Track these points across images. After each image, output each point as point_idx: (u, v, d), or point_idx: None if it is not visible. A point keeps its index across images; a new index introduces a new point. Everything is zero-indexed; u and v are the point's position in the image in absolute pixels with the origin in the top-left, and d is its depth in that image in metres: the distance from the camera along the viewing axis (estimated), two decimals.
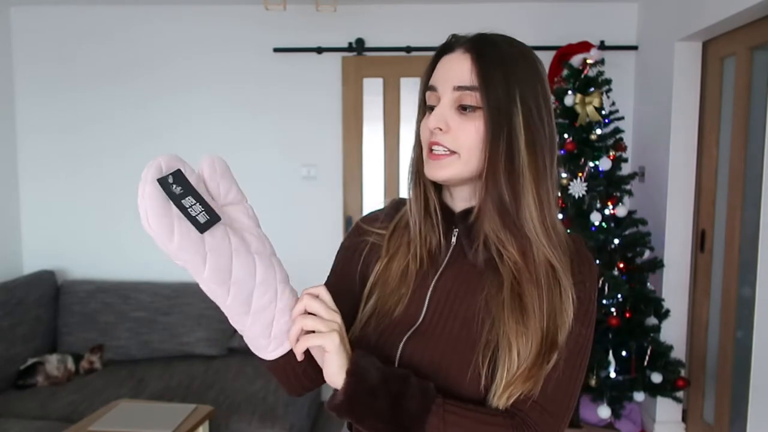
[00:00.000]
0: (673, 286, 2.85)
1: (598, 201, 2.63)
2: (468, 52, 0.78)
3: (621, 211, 2.62)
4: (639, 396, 2.58)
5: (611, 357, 2.57)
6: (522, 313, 0.75)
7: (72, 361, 2.83)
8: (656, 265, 2.70)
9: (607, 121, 2.69)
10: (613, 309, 2.57)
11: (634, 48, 3.15)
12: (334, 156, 3.29)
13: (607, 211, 2.62)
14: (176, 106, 3.26)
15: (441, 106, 0.79)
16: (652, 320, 2.64)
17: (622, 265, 2.60)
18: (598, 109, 2.63)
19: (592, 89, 2.66)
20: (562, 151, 2.66)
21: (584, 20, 3.15)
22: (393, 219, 0.92)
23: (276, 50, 3.18)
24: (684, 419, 2.94)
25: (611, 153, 2.64)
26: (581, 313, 0.78)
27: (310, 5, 3.02)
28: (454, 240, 0.86)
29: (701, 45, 2.75)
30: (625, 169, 2.93)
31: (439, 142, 0.79)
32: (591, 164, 2.63)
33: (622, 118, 2.78)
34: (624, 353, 2.61)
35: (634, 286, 2.62)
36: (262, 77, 3.24)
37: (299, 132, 3.27)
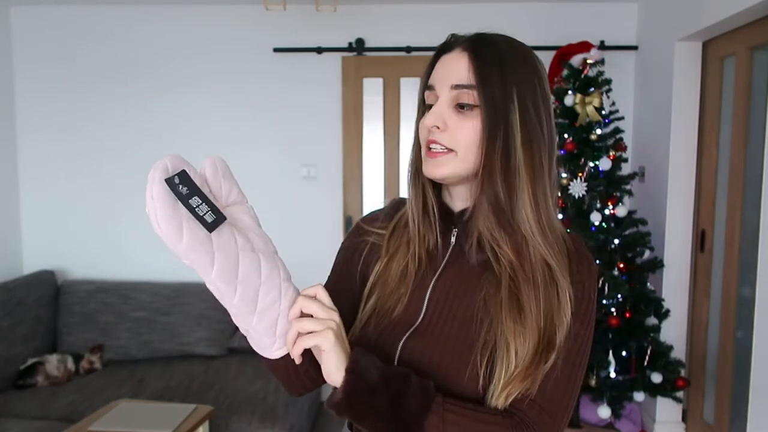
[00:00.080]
0: (673, 286, 2.85)
1: (598, 201, 2.63)
2: (466, 51, 0.79)
3: (621, 211, 2.62)
4: (639, 396, 2.58)
5: (611, 357, 2.58)
6: (519, 313, 0.75)
7: (72, 361, 2.83)
8: (656, 265, 2.70)
9: (607, 121, 2.69)
10: (613, 309, 2.57)
11: (634, 48, 3.15)
12: (334, 156, 3.29)
13: (607, 211, 2.62)
14: (176, 106, 3.26)
15: (439, 104, 0.80)
16: (652, 320, 2.64)
17: (622, 265, 2.60)
18: (598, 109, 2.63)
19: (592, 89, 2.66)
20: (562, 151, 2.66)
21: (584, 20, 3.15)
22: (393, 219, 0.92)
23: (276, 50, 3.18)
24: (684, 419, 2.94)
25: (611, 153, 2.64)
26: (580, 312, 0.78)
27: (310, 5, 3.02)
28: (453, 240, 0.86)
29: (701, 45, 2.75)
30: (625, 169, 2.93)
31: (437, 141, 0.79)
32: (591, 164, 2.63)
33: (622, 118, 2.78)
34: (624, 353, 2.61)
35: (634, 286, 2.63)
36: (262, 77, 3.24)
37: (299, 132, 3.27)
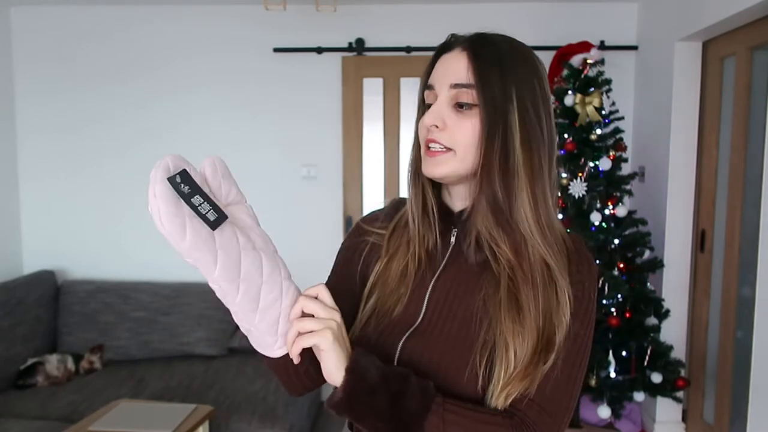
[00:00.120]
0: (673, 286, 2.85)
1: (598, 201, 2.63)
2: (465, 50, 0.78)
3: (621, 211, 2.62)
4: (639, 396, 2.58)
5: (611, 357, 2.57)
6: (518, 313, 0.75)
7: (72, 361, 2.83)
8: (656, 265, 2.70)
9: (607, 121, 2.69)
10: (613, 309, 2.57)
11: (634, 48, 3.15)
12: (334, 156, 3.29)
13: (607, 211, 2.62)
14: (176, 106, 3.26)
15: (438, 103, 0.80)
16: (652, 320, 2.64)
17: (622, 265, 2.60)
18: (598, 109, 2.63)
19: (592, 89, 2.66)
20: (562, 151, 2.66)
21: (584, 20, 3.15)
22: (393, 219, 0.92)
23: (276, 50, 3.18)
24: (684, 419, 2.94)
25: (611, 153, 2.64)
26: (580, 312, 0.78)
27: (310, 5, 3.02)
28: (453, 240, 0.86)
29: (701, 45, 2.75)
30: (625, 169, 2.93)
31: (436, 140, 0.79)
32: (591, 164, 2.63)
33: (622, 118, 2.78)
34: (624, 353, 2.61)
35: (634, 286, 2.63)
36: (262, 77, 3.24)
37: (299, 132, 3.27)
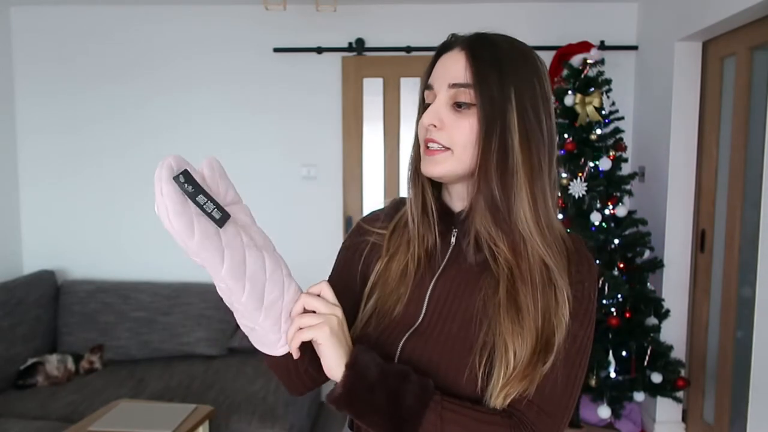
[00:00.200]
0: (673, 286, 2.85)
1: (598, 201, 2.63)
2: (464, 50, 0.79)
3: (621, 211, 2.62)
4: (639, 396, 2.58)
5: (611, 357, 2.57)
6: (517, 314, 0.75)
7: (72, 361, 2.83)
8: (656, 265, 2.70)
9: (607, 121, 2.69)
10: (613, 309, 2.57)
11: (634, 48, 3.15)
12: (334, 156, 3.29)
13: (607, 211, 2.62)
14: (176, 106, 3.26)
15: (436, 103, 0.80)
16: (652, 320, 2.64)
17: (622, 265, 2.60)
18: (598, 109, 2.63)
19: (592, 89, 2.66)
20: (562, 151, 2.66)
21: (584, 20, 3.15)
22: (393, 218, 0.92)
23: (276, 50, 3.18)
24: (684, 419, 2.94)
25: (611, 153, 2.64)
26: (579, 312, 0.78)
27: (310, 5, 3.02)
28: (453, 240, 0.86)
29: (701, 45, 2.75)
30: (625, 169, 2.93)
31: (434, 139, 0.80)
32: (591, 164, 2.63)
33: (622, 118, 2.78)
34: (624, 353, 2.61)
35: (634, 286, 2.63)
36: (262, 77, 3.24)
37: (299, 132, 3.27)
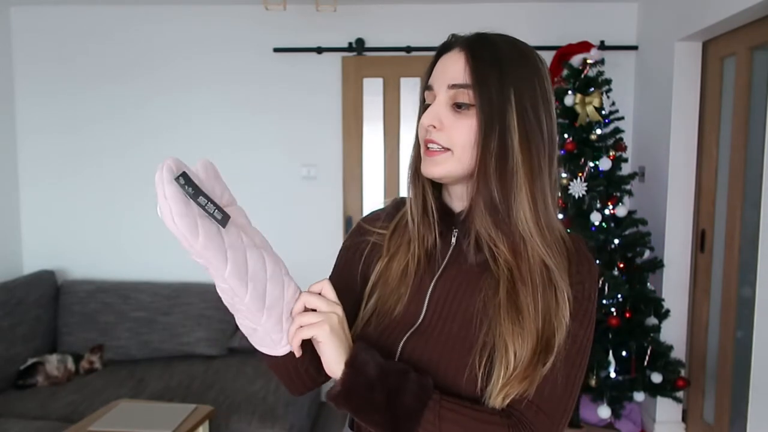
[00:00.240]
0: (673, 286, 2.85)
1: (598, 201, 2.63)
2: (464, 50, 0.78)
3: (621, 211, 2.62)
4: (639, 396, 2.58)
5: (611, 357, 2.58)
6: (517, 314, 0.75)
7: (72, 361, 2.83)
8: (656, 265, 2.70)
9: (607, 121, 2.69)
10: (613, 309, 2.57)
11: (634, 48, 3.15)
12: (334, 156, 3.29)
13: (607, 211, 2.62)
14: (176, 106, 3.26)
15: (436, 103, 0.80)
16: (652, 320, 2.64)
17: (622, 265, 2.60)
18: (598, 109, 2.63)
19: (592, 89, 2.66)
20: (562, 151, 2.66)
21: (584, 20, 3.15)
22: (394, 218, 0.92)
23: (276, 50, 3.18)
24: (684, 419, 2.94)
25: (611, 153, 2.64)
26: (579, 313, 0.78)
27: (310, 5, 3.02)
28: (454, 240, 0.86)
29: (701, 45, 2.75)
30: (625, 169, 2.93)
31: (434, 140, 0.80)
32: (591, 164, 2.63)
33: (622, 118, 2.78)
34: (624, 353, 2.61)
35: (634, 286, 2.63)
36: (262, 77, 3.24)
37: (299, 132, 3.27)
